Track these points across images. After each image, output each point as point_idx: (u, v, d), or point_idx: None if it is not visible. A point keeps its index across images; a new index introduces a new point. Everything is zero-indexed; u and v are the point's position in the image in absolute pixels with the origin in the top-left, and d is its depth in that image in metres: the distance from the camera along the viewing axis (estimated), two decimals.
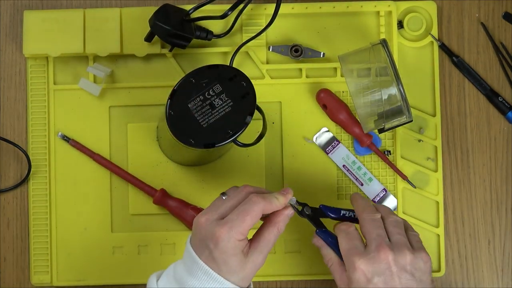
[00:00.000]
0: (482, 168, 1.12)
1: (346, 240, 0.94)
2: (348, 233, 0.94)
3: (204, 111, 0.95)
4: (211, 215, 0.91)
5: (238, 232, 0.90)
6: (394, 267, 0.91)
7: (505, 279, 1.11)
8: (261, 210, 0.91)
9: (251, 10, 1.11)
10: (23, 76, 1.12)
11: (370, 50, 1.04)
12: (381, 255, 0.91)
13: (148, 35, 1.08)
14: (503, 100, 1.12)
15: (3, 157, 1.11)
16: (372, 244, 0.92)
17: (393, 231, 0.94)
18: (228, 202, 0.93)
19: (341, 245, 0.94)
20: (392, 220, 0.95)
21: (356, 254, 0.92)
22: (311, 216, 0.97)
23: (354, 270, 0.91)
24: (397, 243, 0.92)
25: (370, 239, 0.93)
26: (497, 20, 1.13)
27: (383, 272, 0.91)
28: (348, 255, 0.92)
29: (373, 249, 0.91)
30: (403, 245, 0.92)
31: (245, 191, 0.93)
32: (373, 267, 0.91)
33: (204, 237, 0.91)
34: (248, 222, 0.90)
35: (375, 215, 0.95)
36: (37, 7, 1.13)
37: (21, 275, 1.10)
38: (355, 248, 0.92)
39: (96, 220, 1.10)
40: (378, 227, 0.94)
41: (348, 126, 1.09)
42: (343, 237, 0.94)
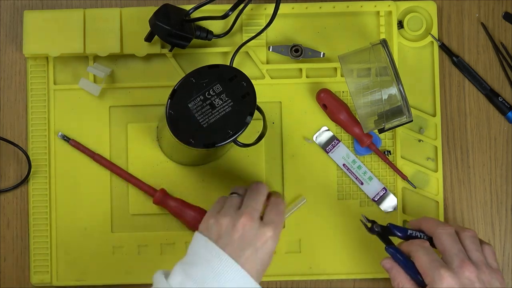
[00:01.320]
0: (482, 168, 1.12)
1: (426, 254, 0.94)
2: (425, 248, 0.95)
3: (204, 111, 0.95)
4: (253, 216, 0.93)
5: (280, 232, 0.94)
6: (477, 284, 0.92)
7: (505, 279, 1.11)
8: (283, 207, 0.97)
9: (251, 10, 1.11)
10: (23, 76, 1.12)
11: (370, 50, 1.04)
12: (465, 272, 0.92)
13: (148, 35, 1.08)
14: (503, 100, 1.12)
15: (3, 157, 1.11)
16: (454, 260, 0.93)
17: (472, 248, 0.95)
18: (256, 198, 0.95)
19: (421, 259, 0.94)
20: (468, 235, 0.96)
21: (443, 267, 0.92)
22: (381, 233, 0.98)
23: (441, 282, 0.91)
24: (477, 261, 0.94)
25: (451, 254, 0.93)
26: (497, 20, 1.13)
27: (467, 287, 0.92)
28: (434, 268, 0.92)
29: (457, 264, 0.92)
30: (483, 263, 0.94)
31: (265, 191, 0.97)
32: (459, 281, 0.91)
33: (249, 238, 0.91)
34: (283, 219, 0.96)
35: (450, 229, 0.96)
36: (37, 7, 1.13)
37: (21, 275, 1.10)
38: (437, 261, 0.93)
39: (96, 220, 1.10)
40: (457, 242, 0.95)
41: (348, 126, 1.09)
42: (421, 251, 0.94)
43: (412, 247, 0.95)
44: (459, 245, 0.95)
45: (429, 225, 0.98)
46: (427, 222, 0.98)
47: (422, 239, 0.97)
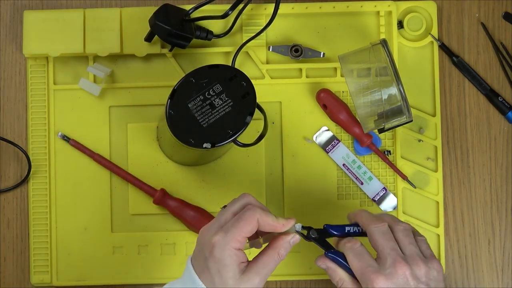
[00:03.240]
0: (482, 168, 1.12)
1: (357, 258, 0.92)
2: (355, 250, 0.93)
3: (204, 111, 0.95)
4: (211, 225, 0.91)
5: (233, 239, 0.88)
6: (412, 281, 0.90)
7: (505, 279, 1.11)
8: (256, 219, 0.90)
9: (251, 10, 1.11)
10: (23, 76, 1.12)
11: (370, 50, 1.04)
12: (398, 270, 0.90)
13: (148, 35, 1.08)
14: (503, 100, 1.12)
15: (3, 157, 1.11)
16: (387, 260, 0.91)
17: (405, 242, 0.93)
18: (227, 211, 0.91)
19: (352, 264, 0.92)
20: (401, 228, 0.94)
21: (373, 272, 0.91)
22: (318, 238, 0.95)
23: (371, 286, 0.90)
24: (411, 255, 0.92)
25: (384, 253, 0.92)
26: (497, 20, 1.13)
27: (402, 287, 0.90)
28: (364, 274, 0.91)
29: (390, 264, 0.91)
30: (417, 256, 0.92)
31: (244, 201, 0.92)
32: (392, 282, 0.90)
33: (201, 246, 0.90)
34: (244, 229, 0.89)
35: (383, 225, 0.94)
36: (37, 7, 1.13)
37: (21, 275, 1.10)
38: (369, 266, 0.91)
39: (96, 220, 1.10)
40: (390, 239, 0.93)
41: (348, 126, 1.09)
42: (352, 255, 0.93)
43: (345, 250, 0.93)
44: (391, 243, 0.92)
45: (363, 220, 0.95)
46: (361, 216, 0.96)
47: (351, 239, 0.94)
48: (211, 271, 0.88)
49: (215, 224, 0.90)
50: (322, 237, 0.95)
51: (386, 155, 1.10)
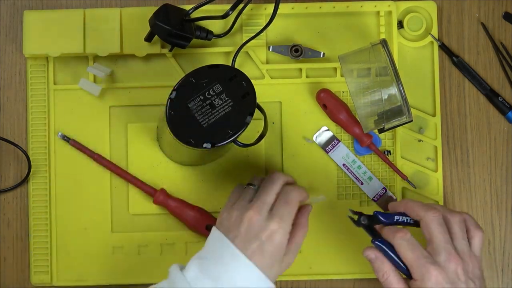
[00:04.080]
0: (482, 168, 1.12)
1: (410, 248, 0.94)
2: (408, 241, 0.94)
3: (204, 111, 0.95)
4: (261, 209, 0.94)
5: (288, 224, 0.93)
6: (462, 276, 0.93)
7: (505, 279, 1.11)
8: (300, 201, 0.96)
9: (251, 10, 1.11)
10: (23, 76, 1.12)
11: (370, 50, 1.04)
12: (452, 265, 0.92)
13: (148, 35, 1.08)
14: (503, 100, 1.12)
15: (3, 157, 1.11)
16: (442, 253, 0.93)
17: (458, 236, 0.95)
18: (270, 193, 0.96)
19: (405, 255, 0.94)
20: (456, 220, 0.96)
21: (430, 263, 0.92)
22: (367, 225, 0.96)
23: (430, 279, 0.92)
24: (462, 250, 0.94)
25: (440, 246, 0.93)
26: (497, 20, 1.13)
27: (453, 281, 0.92)
28: (420, 265, 0.93)
29: (444, 258, 0.93)
30: (467, 252, 0.94)
31: (281, 180, 0.97)
32: (446, 275, 0.92)
33: (255, 230, 0.92)
34: (294, 214, 0.94)
35: (439, 214, 0.95)
36: (37, 7, 1.13)
37: (21, 275, 1.10)
38: (424, 257, 0.93)
39: (96, 220, 1.10)
40: (445, 232, 0.94)
41: (348, 126, 1.09)
42: (405, 246, 0.94)
43: (395, 240, 0.94)
44: (446, 235, 0.94)
45: (415, 209, 0.96)
46: (412, 206, 0.97)
47: (403, 229, 0.95)
48: (265, 254, 0.92)
49: (263, 206, 0.94)
50: (372, 223, 0.97)
51: (386, 155, 1.10)
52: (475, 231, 0.96)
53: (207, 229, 1.08)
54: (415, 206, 0.97)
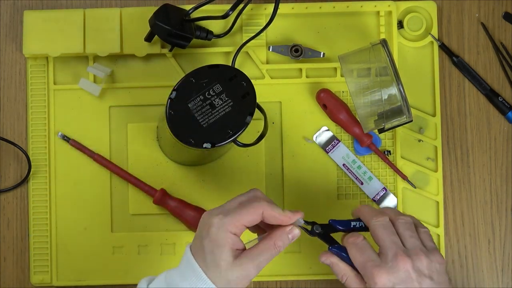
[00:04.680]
0: (482, 168, 1.12)
1: (359, 253, 0.92)
2: (358, 245, 0.93)
3: (204, 111, 0.95)
4: (214, 210, 0.91)
5: (231, 223, 0.88)
6: (414, 274, 0.90)
7: (505, 279, 1.11)
8: (260, 210, 0.90)
9: (251, 10, 1.11)
10: (23, 76, 1.12)
11: (370, 50, 1.04)
12: (400, 264, 0.90)
13: (148, 35, 1.08)
14: (503, 100, 1.12)
15: (3, 157, 1.11)
16: (389, 254, 0.91)
17: (406, 235, 0.93)
18: (233, 200, 0.92)
19: (354, 259, 0.92)
20: (402, 222, 0.94)
21: (375, 267, 0.90)
22: (322, 234, 0.95)
23: (375, 283, 0.90)
24: (412, 248, 0.92)
25: (385, 247, 0.91)
26: (497, 20, 1.13)
27: (404, 281, 0.90)
28: (366, 268, 0.91)
29: (391, 258, 0.90)
30: (418, 249, 0.92)
31: (251, 194, 0.92)
32: (393, 277, 0.90)
33: (200, 227, 0.90)
34: (244, 216, 0.89)
35: (384, 219, 0.93)
36: (37, 7, 1.13)
37: (21, 275, 1.10)
38: (371, 261, 0.91)
39: (96, 220, 1.10)
40: (391, 233, 0.92)
41: (348, 126, 1.09)
42: (354, 250, 0.92)
43: (347, 245, 0.93)
44: (392, 237, 0.92)
45: (364, 215, 0.95)
46: (363, 211, 0.96)
47: (355, 233, 0.94)
48: (205, 250, 0.88)
49: (219, 209, 0.91)
50: (327, 232, 0.95)
51: (386, 155, 1.10)
52: (420, 228, 0.95)
53: None
54: (365, 212, 0.95)
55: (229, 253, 0.88)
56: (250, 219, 0.89)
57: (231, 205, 0.91)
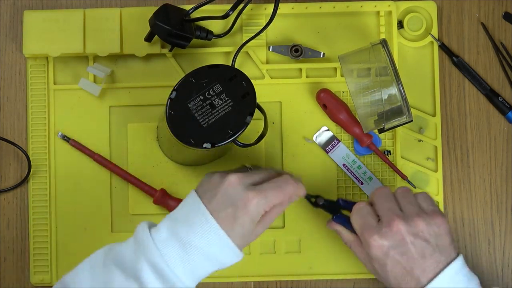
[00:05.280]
0: (482, 168, 1.12)
1: (358, 217, 0.97)
2: (359, 210, 0.97)
3: (204, 111, 0.95)
4: (244, 179, 0.92)
5: (269, 203, 0.91)
6: (408, 237, 0.93)
7: (505, 279, 1.11)
8: (292, 194, 0.94)
9: (251, 10, 1.11)
10: (23, 76, 1.12)
11: (370, 50, 1.04)
12: (393, 228, 0.94)
13: (148, 35, 1.08)
14: (503, 100, 1.12)
15: (3, 157, 1.11)
16: (383, 218, 0.95)
17: (403, 202, 0.96)
18: (260, 174, 0.94)
19: (354, 223, 0.97)
20: (399, 192, 0.98)
21: (368, 231, 0.95)
22: (325, 205, 1.01)
23: (369, 247, 0.94)
24: (408, 212, 0.95)
25: (382, 213, 0.96)
26: (497, 20, 1.13)
27: (398, 244, 0.94)
28: (361, 233, 0.96)
29: (385, 223, 0.94)
30: (414, 213, 0.95)
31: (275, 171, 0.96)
32: (387, 240, 0.94)
33: (232, 195, 0.90)
34: (280, 199, 0.92)
35: (384, 190, 0.98)
36: (37, 7, 1.13)
37: (21, 275, 1.10)
38: (367, 225, 0.95)
39: (96, 220, 1.10)
40: (389, 201, 0.96)
41: (348, 126, 1.09)
42: (356, 215, 0.97)
43: (352, 211, 0.98)
44: (389, 203, 0.96)
45: (371, 194, 0.99)
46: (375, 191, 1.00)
47: (363, 202, 0.98)
48: (237, 221, 0.90)
49: (248, 178, 0.92)
50: (331, 205, 1.01)
51: (386, 155, 1.10)
52: (419, 194, 0.98)
53: None
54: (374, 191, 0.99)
55: (254, 225, 0.91)
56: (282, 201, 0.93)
57: (258, 179, 0.93)
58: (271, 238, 1.10)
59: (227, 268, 1.09)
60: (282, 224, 1.10)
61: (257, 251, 1.10)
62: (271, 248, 1.10)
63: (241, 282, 1.10)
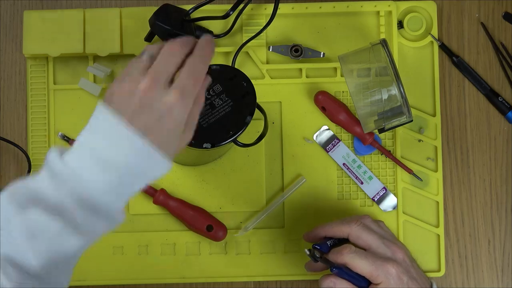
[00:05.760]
0: (482, 168, 1.12)
1: (363, 257, 0.95)
2: (357, 252, 0.95)
3: (204, 111, 0.95)
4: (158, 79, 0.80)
5: (190, 100, 0.81)
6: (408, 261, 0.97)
7: (505, 279, 1.11)
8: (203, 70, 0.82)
9: (251, 10, 1.11)
10: (23, 76, 1.12)
11: (370, 50, 1.04)
12: (399, 255, 0.96)
13: (148, 35, 1.08)
14: (503, 100, 1.12)
15: (3, 157, 1.11)
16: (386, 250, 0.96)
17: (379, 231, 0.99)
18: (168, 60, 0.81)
19: (360, 265, 0.94)
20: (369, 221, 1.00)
21: (386, 261, 0.95)
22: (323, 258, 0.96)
23: (391, 275, 0.94)
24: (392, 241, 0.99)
25: (380, 246, 0.97)
26: (497, 20, 1.13)
27: (406, 269, 0.96)
28: (379, 266, 0.94)
29: (390, 253, 0.96)
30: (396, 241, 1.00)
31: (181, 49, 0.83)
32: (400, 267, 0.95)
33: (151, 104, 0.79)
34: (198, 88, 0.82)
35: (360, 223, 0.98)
36: (37, 7, 1.13)
37: None
38: (379, 259, 0.95)
39: None
40: (372, 232, 0.98)
41: (348, 126, 1.09)
42: (357, 258, 0.95)
43: (345, 258, 0.95)
44: (376, 234, 0.98)
45: (337, 229, 0.99)
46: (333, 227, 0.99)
47: (347, 246, 0.96)
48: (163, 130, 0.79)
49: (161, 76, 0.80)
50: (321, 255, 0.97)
51: (389, 151, 1.10)
52: (379, 222, 1.02)
53: (207, 229, 1.08)
54: (335, 227, 0.99)
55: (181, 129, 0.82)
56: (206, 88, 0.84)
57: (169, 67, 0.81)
58: (271, 238, 1.10)
59: (227, 268, 1.09)
60: (282, 224, 1.10)
61: (257, 251, 1.10)
62: (271, 248, 1.10)
63: (241, 282, 1.10)
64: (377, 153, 1.11)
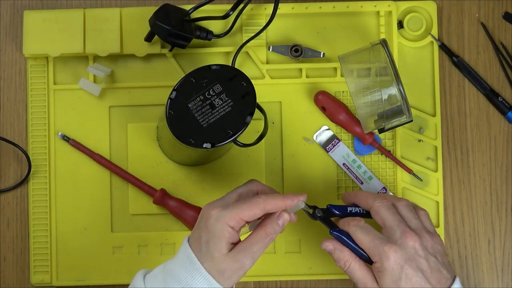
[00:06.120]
0: (482, 168, 1.12)
1: (365, 234, 0.94)
2: (362, 227, 0.95)
3: (204, 111, 0.95)
4: (215, 202, 0.92)
5: (229, 216, 0.89)
6: (421, 251, 0.93)
7: (505, 279, 1.11)
8: (262, 205, 0.90)
9: (251, 10, 1.11)
10: (23, 76, 1.12)
11: (370, 50, 1.04)
12: (409, 241, 0.92)
13: (148, 35, 1.08)
14: (503, 100, 1.12)
15: (3, 157, 1.11)
16: (397, 232, 0.93)
17: (409, 216, 0.96)
18: (233, 192, 0.94)
19: (362, 240, 0.94)
20: (403, 204, 0.97)
21: (386, 243, 0.92)
22: (323, 217, 0.97)
23: (388, 259, 0.92)
24: (417, 228, 0.95)
25: (392, 226, 0.94)
26: (497, 20, 1.13)
27: (412, 257, 0.92)
28: (375, 247, 0.93)
29: (399, 236, 0.93)
30: (422, 229, 0.95)
31: (252, 186, 0.95)
32: (402, 253, 0.92)
33: (199, 218, 0.91)
34: (244, 212, 0.89)
35: (387, 201, 0.96)
36: (37, 7, 1.13)
37: (21, 275, 1.10)
38: (380, 239, 0.93)
39: (96, 220, 1.10)
40: (395, 214, 0.95)
41: (348, 126, 1.09)
42: (359, 232, 0.94)
43: (350, 228, 0.95)
44: (397, 216, 0.95)
45: (364, 199, 0.97)
46: (362, 196, 0.98)
47: (357, 217, 0.96)
48: (201, 240, 0.89)
49: (219, 201, 0.92)
50: (326, 216, 0.97)
51: (389, 151, 1.10)
52: (420, 211, 0.98)
53: None
54: (364, 195, 0.98)
55: (224, 245, 0.89)
56: (250, 214, 0.90)
57: (231, 197, 0.93)
58: None
59: None
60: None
61: None
62: (271, 248, 1.10)
63: (241, 282, 1.10)
64: (377, 153, 1.11)
